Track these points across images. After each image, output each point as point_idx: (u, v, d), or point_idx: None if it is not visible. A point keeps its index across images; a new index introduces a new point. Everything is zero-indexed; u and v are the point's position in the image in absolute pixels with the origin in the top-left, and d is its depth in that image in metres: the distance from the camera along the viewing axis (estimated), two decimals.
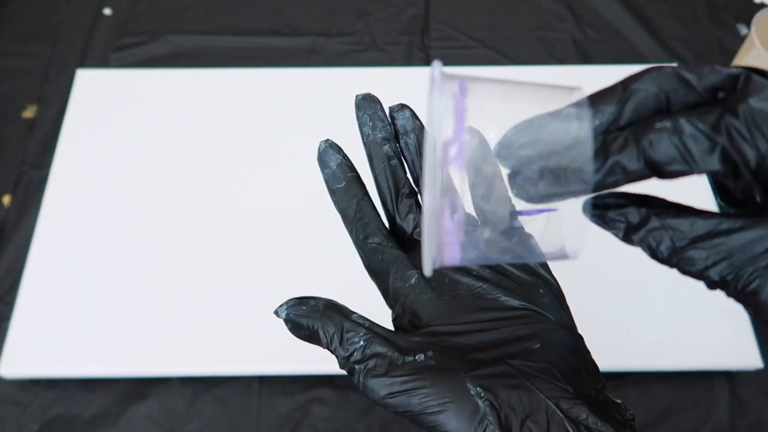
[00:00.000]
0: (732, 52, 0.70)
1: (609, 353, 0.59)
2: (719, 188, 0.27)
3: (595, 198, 0.26)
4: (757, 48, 0.64)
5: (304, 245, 0.64)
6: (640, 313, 0.61)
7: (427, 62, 0.79)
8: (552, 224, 0.29)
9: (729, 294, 0.25)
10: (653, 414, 0.59)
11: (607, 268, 0.62)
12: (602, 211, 0.27)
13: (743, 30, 0.81)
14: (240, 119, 0.71)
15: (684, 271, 0.25)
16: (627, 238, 0.27)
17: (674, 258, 0.25)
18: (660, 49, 0.80)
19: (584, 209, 0.27)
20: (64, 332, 0.59)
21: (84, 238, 0.64)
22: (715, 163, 0.23)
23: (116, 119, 0.71)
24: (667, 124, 0.23)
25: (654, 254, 0.26)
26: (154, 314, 0.60)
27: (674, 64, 0.62)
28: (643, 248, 0.26)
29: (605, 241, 0.64)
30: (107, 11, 0.82)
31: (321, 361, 0.58)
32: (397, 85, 0.73)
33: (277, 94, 0.72)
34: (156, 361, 0.59)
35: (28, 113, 0.74)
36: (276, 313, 0.33)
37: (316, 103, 0.72)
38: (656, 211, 0.26)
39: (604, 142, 0.24)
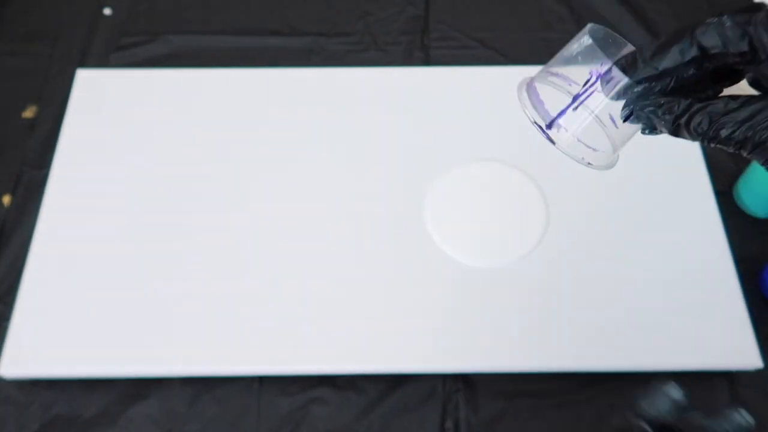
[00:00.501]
0: None
1: (608, 353, 0.59)
2: (753, 81, 0.33)
3: (648, 99, 0.34)
4: None
5: (305, 245, 0.64)
6: (640, 313, 0.61)
7: (427, 62, 0.79)
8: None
9: (748, 152, 0.31)
10: None
11: (607, 269, 0.63)
12: (654, 108, 0.33)
13: None
14: (240, 119, 0.71)
15: (718, 140, 0.32)
16: (675, 125, 0.33)
17: (711, 130, 0.32)
18: None
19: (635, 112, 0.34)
20: (64, 332, 0.59)
21: (84, 238, 0.64)
22: (744, 46, 0.31)
23: (116, 119, 0.71)
24: (714, 19, 0.31)
25: (696, 132, 0.32)
26: (155, 314, 0.60)
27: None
28: (686, 132, 0.33)
29: (606, 242, 0.65)
30: (107, 11, 0.82)
31: (321, 361, 0.59)
32: (397, 85, 0.73)
33: (277, 94, 0.72)
34: (156, 361, 0.59)
35: (28, 113, 0.74)
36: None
37: (316, 103, 0.72)
38: (697, 99, 0.33)
39: (666, 41, 0.32)
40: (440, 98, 0.73)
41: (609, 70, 0.35)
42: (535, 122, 0.40)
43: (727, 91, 0.34)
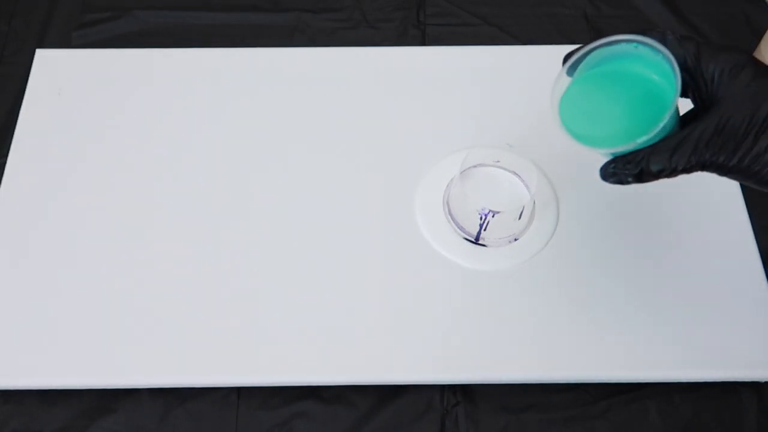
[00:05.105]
0: (760, 29, 0.70)
1: (626, 362, 0.59)
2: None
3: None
4: None
5: (287, 245, 0.64)
6: (660, 320, 0.61)
7: (423, 41, 0.79)
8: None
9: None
10: (674, 429, 0.59)
11: (623, 271, 0.63)
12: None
13: None
14: (216, 104, 0.71)
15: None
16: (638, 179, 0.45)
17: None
18: (681, 27, 0.79)
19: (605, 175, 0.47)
20: (22, 339, 0.59)
21: (42, 237, 0.64)
22: (679, 55, 0.44)
23: (79, 104, 0.71)
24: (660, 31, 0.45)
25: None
26: (121, 319, 0.60)
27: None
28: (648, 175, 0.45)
29: (621, 241, 0.65)
30: None
31: (306, 371, 0.59)
32: (390, 66, 0.73)
33: (257, 76, 0.72)
34: (123, 370, 0.58)
35: None
36: None
37: (299, 86, 0.72)
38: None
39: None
40: (438, 81, 0.72)
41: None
42: (466, 238, 0.63)
43: None
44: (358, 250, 0.63)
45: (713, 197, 0.66)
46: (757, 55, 0.70)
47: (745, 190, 0.66)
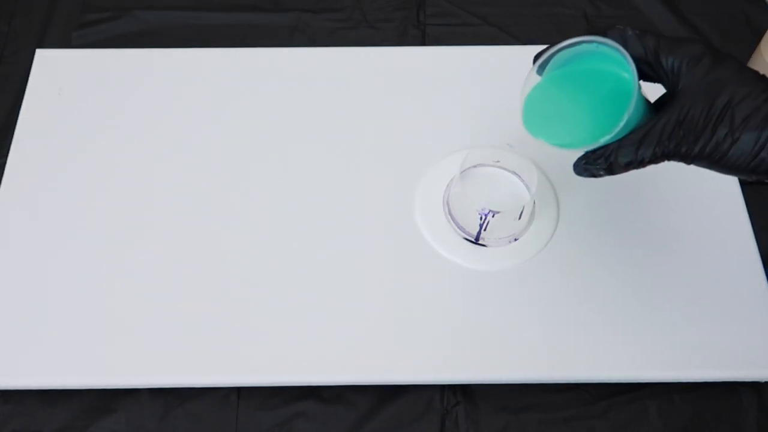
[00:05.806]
0: (760, 29, 0.70)
1: (625, 362, 0.59)
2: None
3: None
4: None
5: (287, 245, 0.64)
6: (660, 320, 0.60)
7: (423, 41, 0.78)
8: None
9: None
10: (674, 429, 0.59)
11: (623, 271, 0.63)
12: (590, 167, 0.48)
13: None
14: (215, 104, 0.71)
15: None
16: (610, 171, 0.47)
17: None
18: (681, 27, 0.79)
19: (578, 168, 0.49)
20: (21, 339, 0.59)
21: (43, 237, 0.64)
22: (638, 50, 0.45)
23: (80, 104, 0.71)
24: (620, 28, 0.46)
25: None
26: (121, 319, 0.60)
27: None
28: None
29: (620, 241, 0.65)
30: None
31: (306, 371, 0.58)
32: (390, 66, 0.73)
33: (257, 76, 0.72)
34: (123, 370, 0.58)
35: None
36: None
37: (299, 86, 0.72)
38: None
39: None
40: (438, 81, 0.72)
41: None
42: (466, 238, 0.63)
43: None
44: (358, 250, 0.63)
45: (713, 197, 0.66)
46: (756, 55, 0.70)
47: (745, 189, 0.66)
